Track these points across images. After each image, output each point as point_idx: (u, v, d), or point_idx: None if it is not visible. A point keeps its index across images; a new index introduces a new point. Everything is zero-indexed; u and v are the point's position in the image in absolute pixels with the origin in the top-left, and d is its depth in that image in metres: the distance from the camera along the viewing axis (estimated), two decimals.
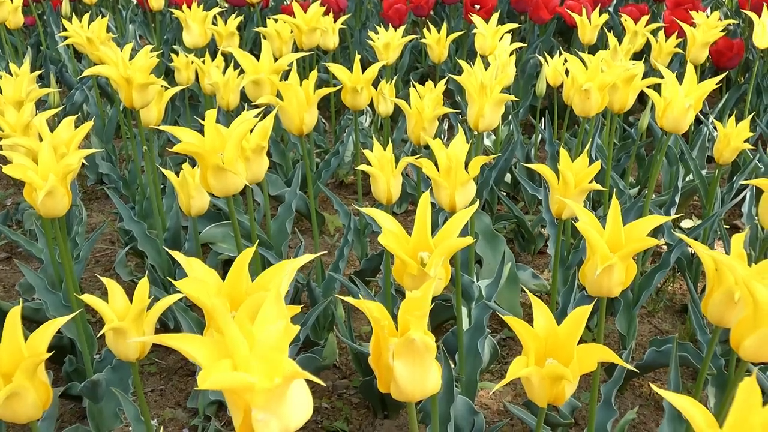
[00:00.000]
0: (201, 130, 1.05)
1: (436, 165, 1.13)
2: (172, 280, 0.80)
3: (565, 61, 2.03)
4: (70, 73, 2.68)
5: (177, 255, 0.75)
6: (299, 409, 0.56)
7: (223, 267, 1.78)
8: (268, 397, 0.53)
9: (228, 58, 2.05)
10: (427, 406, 1.13)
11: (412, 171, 2.08)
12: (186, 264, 0.71)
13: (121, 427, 1.36)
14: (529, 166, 1.19)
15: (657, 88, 1.44)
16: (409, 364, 0.66)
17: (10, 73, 1.63)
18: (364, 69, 1.63)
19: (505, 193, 2.15)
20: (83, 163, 1.80)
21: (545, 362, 0.77)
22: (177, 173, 1.33)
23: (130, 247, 1.69)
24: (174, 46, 2.95)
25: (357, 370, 1.45)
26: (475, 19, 2.04)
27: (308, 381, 0.54)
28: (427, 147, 1.45)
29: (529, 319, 1.01)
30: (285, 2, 3.33)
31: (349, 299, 0.67)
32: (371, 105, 1.87)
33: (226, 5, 3.00)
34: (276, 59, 1.61)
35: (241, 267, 0.72)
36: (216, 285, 0.72)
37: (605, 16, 2.23)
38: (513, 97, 1.42)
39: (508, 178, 2.14)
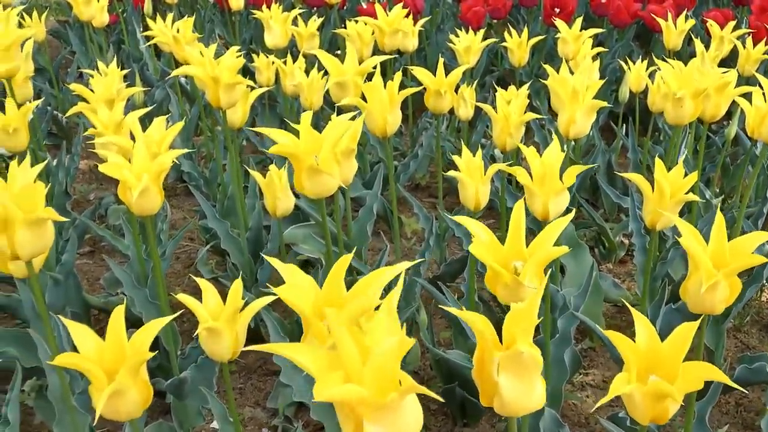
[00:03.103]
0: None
1: (529, 172, 1.12)
2: (270, 286, 0.79)
3: (649, 66, 2.00)
4: (150, 71, 2.72)
5: (275, 262, 0.74)
6: (411, 422, 0.55)
7: (302, 268, 1.78)
8: (383, 410, 0.53)
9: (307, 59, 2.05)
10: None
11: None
12: (284, 270, 0.71)
13: (203, 425, 1.37)
14: (625, 175, 1.16)
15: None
16: (515, 378, 0.64)
17: (98, 71, 1.66)
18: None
19: (584, 200, 2.11)
20: None
21: (648, 379, 0.75)
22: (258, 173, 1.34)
23: (211, 245, 1.71)
24: (251, 46, 2.99)
25: (437, 375, 1.44)
26: (558, 23, 2.01)
27: None
28: (502, 152, 1.44)
29: (611, 329, 0.99)
30: (361, 4, 3.33)
31: (453, 309, 0.66)
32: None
33: (301, 7, 3.02)
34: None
35: (339, 273, 0.72)
36: (313, 291, 0.71)
37: (691, 22, 2.18)
38: (606, 104, 1.39)
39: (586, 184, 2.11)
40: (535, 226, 1.44)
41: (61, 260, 1.46)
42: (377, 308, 0.66)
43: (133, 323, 1.43)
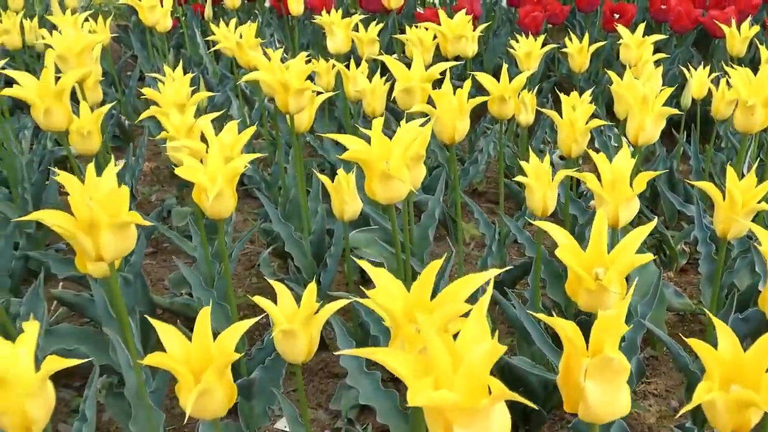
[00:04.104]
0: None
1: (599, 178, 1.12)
2: (364, 290, 0.80)
3: (711, 72, 1.98)
4: (209, 74, 2.76)
5: (365, 265, 0.75)
6: (499, 427, 0.56)
7: (361, 271, 1.80)
8: (473, 416, 0.53)
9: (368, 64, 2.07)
10: (581, 426, 1.11)
11: None
12: (374, 274, 0.72)
13: (268, 426, 1.39)
14: (696, 184, 1.15)
15: None
16: (602, 385, 0.64)
17: (163, 75, 1.69)
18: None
19: (644, 207, 2.10)
20: None
21: (729, 388, 0.75)
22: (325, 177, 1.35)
23: (273, 248, 1.73)
24: (308, 51, 3.01)
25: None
26: (621, 29, 1.99)
27: None
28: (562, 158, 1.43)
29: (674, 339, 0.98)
30: (418, 9, 3.35)
31: (542, 316, 0.67)
32: None
33: (362, 12, 3.03)
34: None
35: (429, 279, 0.72)
36: (402, 296, 0.72)
37: (756, 28, 2.15)
38: (677, 111, 1.38)
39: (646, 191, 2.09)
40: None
41: (129, 261, 1.49)
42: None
43: None
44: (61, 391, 1.42)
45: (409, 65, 1.49)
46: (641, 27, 2.01)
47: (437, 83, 1.50)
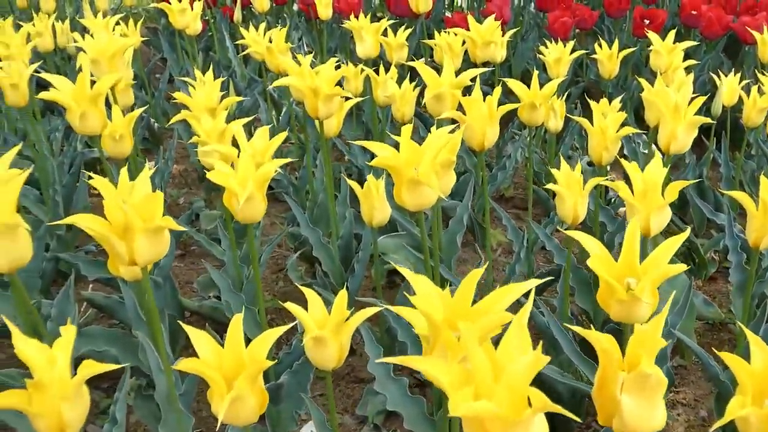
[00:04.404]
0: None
1: (630, 187, 1.11)
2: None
3: (741, 79, 1.96)
4: (238, 78, 2.77)
5: (405, 271, 0.75)
6: None
7: (388, 276, 1.80)
8: (514, 427, 0.53)
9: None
10: None
11: None
12: (413, 281, 0.72)
13: (294, 430, 1.39)
14: (730, 193, 1.14)
15: None
16: (638, 399, 0.64)
17: (194, 78, 1.70)
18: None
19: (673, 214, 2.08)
20: None
21: (763, 402, 0.74)
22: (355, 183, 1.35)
23: (300, 252, 1.74)
24: (336, 55, 3.02)
25: None
26: (652, 35, 1.98)
27: None
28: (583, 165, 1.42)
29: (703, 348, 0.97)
30: (446, 14, 3.34)
31: (578, 329, 0.66)
32: None
33: (390, 17, 3.04)
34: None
35: (469, 288, 0.72)
36: (441, 303, 0.72)
37: None
38: (710, 120, 1.37)
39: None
40: None
41: (158, 264, 1.50)
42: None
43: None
44: (90, 392, 1.43)
45: (437, 70, 1.49)
46: (672, 33, 1.99)
47: (466, 89, 1.50)
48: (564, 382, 1.27)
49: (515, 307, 0.65)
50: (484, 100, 1.33)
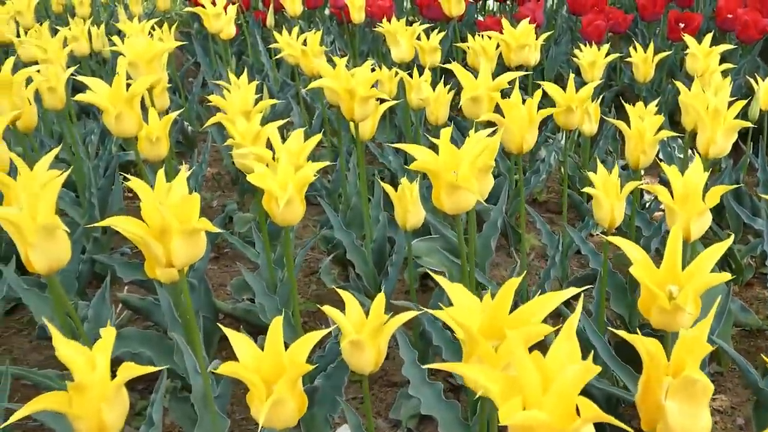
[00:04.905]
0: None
1: (671, 191, 1.10)
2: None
3: None
4: (271, 81, 2.78)
5: (442, 280, 0.75)
6: None
7: (421, 280, 1.79)
8: None
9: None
10: None
11: None
12: (450, 289, 0.72)
13: None
14: (767, 198, 1.13)
15: None
16: (683, 406, 0.63)
17: (228, 82, 1.71)
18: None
19: None
20: None
21: None
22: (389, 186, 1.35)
23: (333, 255, 1.74)
24: (368, 58, 3.02)
25: None
26: (688, 39, 1.96)
27: None
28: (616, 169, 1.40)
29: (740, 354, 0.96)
30: (478, 17, 3.33)
31: (623, 333, 0.65)
32: None
33: (423, 21, 3.03)
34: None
35: (508, 296, 0.71)
36: (478, 311, 0.71)
37: None
38: (749, 124, 1.35)
39: None
40: None
41: (193, 266, 1.51)
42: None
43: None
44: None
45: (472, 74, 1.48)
46: (708, 37, 1.97)
47: (502, 92, 1.49)
48: (600, 388, 1.26)
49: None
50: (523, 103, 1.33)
